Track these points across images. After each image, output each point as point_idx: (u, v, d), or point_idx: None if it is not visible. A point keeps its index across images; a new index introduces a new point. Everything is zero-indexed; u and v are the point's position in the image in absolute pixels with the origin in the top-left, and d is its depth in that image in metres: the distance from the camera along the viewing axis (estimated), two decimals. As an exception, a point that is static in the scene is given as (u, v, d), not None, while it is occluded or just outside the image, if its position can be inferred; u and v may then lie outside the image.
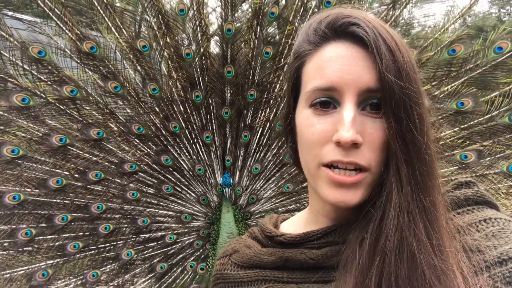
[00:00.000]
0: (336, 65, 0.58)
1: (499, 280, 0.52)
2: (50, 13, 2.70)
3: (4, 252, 2.63)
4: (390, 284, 0.52)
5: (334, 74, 0.57)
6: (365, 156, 0.56)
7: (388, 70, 0.54)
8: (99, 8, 2.87)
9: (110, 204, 2.92)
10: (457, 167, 2.75)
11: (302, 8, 3.05)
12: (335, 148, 0.57)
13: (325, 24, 0.61)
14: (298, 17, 3.05)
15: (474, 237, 0.59)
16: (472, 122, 2.69)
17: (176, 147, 3.14)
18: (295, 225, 0.78)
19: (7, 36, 2.61)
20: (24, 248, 2.67)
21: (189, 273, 3.15)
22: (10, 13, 2.81)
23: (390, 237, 0.53)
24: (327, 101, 0.59)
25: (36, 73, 2.71)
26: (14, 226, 2.64)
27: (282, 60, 3.11)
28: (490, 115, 2.65)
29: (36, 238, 2.70)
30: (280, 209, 3.27)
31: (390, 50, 0.55)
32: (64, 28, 2.74)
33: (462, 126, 2.74)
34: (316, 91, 0.59)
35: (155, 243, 3.10)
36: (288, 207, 3.25)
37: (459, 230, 0.60)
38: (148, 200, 3.10)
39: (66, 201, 2.78)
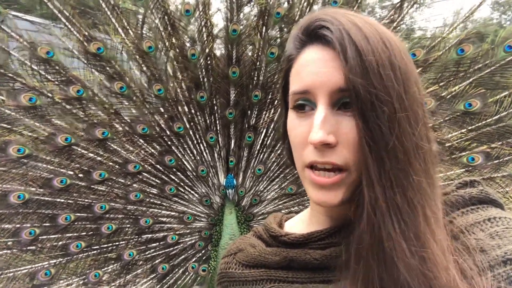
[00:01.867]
0: (308, 68, 0.60)
1: (502, 280, 0.51)
2: (59, 15, 2.74)
3: (8, 251, 2.64)
4: (382, 285, 0.52)
5: (307, 78, 0.59)
6: (341, 156, 0.57)
7: (353, 70, 0.54)
8: (106, 9, 2.90)
9: (113, 204, 2.93)
10: (464, 169, 2.70)
11: (308, 8, 3.04)
12: (312, 149, 0.58)
13: (302, 29, 0.63)
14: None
15: (478, 236, 0.58)
16: (480, 124, 2.63)
17: (180, 148, 3.14)
18: (299, 224, 0.78)
19: (17, 37, 2.66)
20: (28, 247, 2.68)
21: (191, 275, 3.13)
22: (20, 14, 2.85)
23: (369, 238, 0.53)
24: (303, 104, 0.61)
25: (43, 73, 2.75)
26: (18, 225, 2.66)
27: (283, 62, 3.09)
28: (498, 116, 2.59)
29: (40, 237, 2.72)
30: (283, 211, 3.24)
31: (356, 49, 0.54)
32: (72, 29, 2.77)
33: (470, 128, 2.69)
34: (294, 95, 0.62)
35: (157, 243, 3.10)
36: (291, 209, 3.22)
37: (462, 229, 0.59)
38: (151, 200, 3.10)
39: (70, 201, 2.79)
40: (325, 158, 0.57)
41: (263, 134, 3.24)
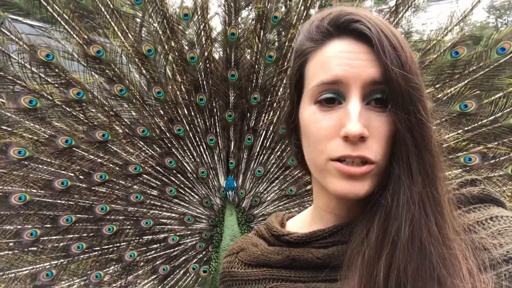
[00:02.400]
0: (340, 59, 0.59)
1: (505, 278, 0.51)
2: (59, 18, 2.76)
3: (10, 252, 2.65)
4: (399, 275, 0.52)
5: (339, 68, 0.58)
6: (372, 150, 0.57)
7: (393, 64, 0.55)
8: (105, 13, 2.93)
9: (114, 205, 2.94)
10: (461, 169, 2.73)
11: (305, 12, 3.09)
12: (342, 143, 0.57)
13: (327, 21, 0.62)
14: (302, 21, 3.08)
15: (480, 235, 0.58)
16: (476, 124, 2.67)
17: (180, 150, 3.16)
18: (301, 223, 0.78)
19: (17, 40, 2.67)
20: (29, 248, 2.69)
21: (192, 276, 3.15)
22: (20, 18, 2.87)
23: (401, 228, 0.53)
24: (332, 98, 0.60)
25: (43, 76, 2.76)
26: (19, 226, 2.67)
27: (286, 63, 3.13)
28: (494, 116, 2.64)
29: (41, 238, 2.73)
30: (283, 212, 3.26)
31: (393, 45, 0.56)
32: (71, 32, 2.79)
33: (466, 128, 2.72)
34: (321, 85, 0.60)
35: (158, 244, 3.11)
36: (291, 210, 3.24)
37: (464, 228, 0.60)
38: (152, 202, 3.11)
39: (71, 202, 2.81)
40: (358, 152, 0.56)
41: (262, 136, 3.26)
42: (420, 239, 0.52)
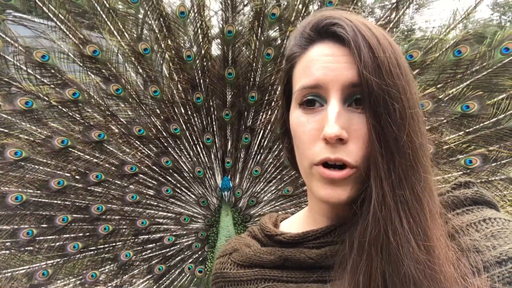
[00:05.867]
0: (320, 63, 0.60)
1: (498, 280, 0.51)
2: (54, 18, 2.76)
3: (6, 252, 2.71)
4: (377, 280, 0.52)
5: (318, 72, 0.59)
6: (352, 153, 0.57)
7: (366, 67, 0.55)
8: (101, 12, 2.91)
9: (110, 205, 2.96)
10: (461, 172, 2.66)
11: (303, 9, 3.01)
12: (324, 146, 0.58)
13: (309, 27, 0.64)
14: (300, 18, 3.01)
15: (473, 237, 0.58)
16: (477, 126, 2.59)
17: (176, 149, 3.15)
18: (294, 224, 0.78)
19: (12, 42, 2.68)
20: (25, 248, 2.73)
21: (187, 275, 3.16)
22: (17, 14, 2.87)
23: (374, 233, 0.53)
24: (313, 100, 0.61)
25: (39, 77, 2.77)
26: (16, 226, 2.71)
27: (284, 61, 3.07)
28: (496, 118, 2.55)
29: (37, 238, 2.77)
30: (280, 213, 3.24)
31: (369, 47, 0.56)
32: (67, 32, 2.79)
33: (467, 130, 2.64)
34: (303, 89, 0.61)
35: (154, 244, 3.13)
36: (288, 210, 3.22)
37: (457, 230, 0.60)
38: (148, 201, 3.12)
39: (67, 202, 2.83)
40: (337, 155, 0.57)
41: (260, 136, 3.23)
42: (391, 245, 0.52)
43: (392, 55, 0.57)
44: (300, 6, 2.96)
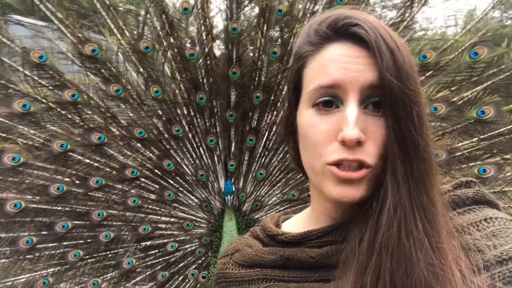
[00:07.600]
0: (338, 63, 0.59)
1: (499, 280, 0.51)
2: (52, 17, 2.66)
3: (6, 260, 2.67)
4: (385, 282, 0.52)
5: (337, 72, 0.58)
6: (369, 154, 0.57)
7: (388, 69, 0.55)
8: (101, 10, 2.80)
9: (111, 211, 2.90)
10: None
11: (311, 5, 2.88)
12: (340, 147, 0.58)
13: (326, 25, 0.62)
14: (308, 15, 2.88)
15: (474, 236, 0.58)
16: (493, 133, 2.49)
17: (178, 152, 3.08)
18: (296, 224, 0.78)
19: (9, 43, 2.59)
20: (26, 256, 2.69)
21: (191, 282, 3.11)
22: (15, 16, 2.77)
23: (386, 234, 0.53)
24: (330, 101, 0.60)
25: (37, 78, 2.69)
26: (15, 234, 2.67)
27: (291, 59, 2.95)
28: (512, 125, 2.45)
29: (37, 246, 2.72)
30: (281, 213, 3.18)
31: (390, 50, 0.56)
32: (65, 31, 2.68)
33: (482, 137, 2.55)
34: (319, 89, 0.60)
35: (157, 250, 3.08)
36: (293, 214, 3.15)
37: (458, 229, 0.60)
38: (150, 206, 3.06)
39: (67, 208, 2.78)
40: (355, 156, 0.57)
41: (265, 137, 3.14)
42: (405, 247, 0.52)
43: (407, 58, 0.57)
44: (309, 4, 2.83)
